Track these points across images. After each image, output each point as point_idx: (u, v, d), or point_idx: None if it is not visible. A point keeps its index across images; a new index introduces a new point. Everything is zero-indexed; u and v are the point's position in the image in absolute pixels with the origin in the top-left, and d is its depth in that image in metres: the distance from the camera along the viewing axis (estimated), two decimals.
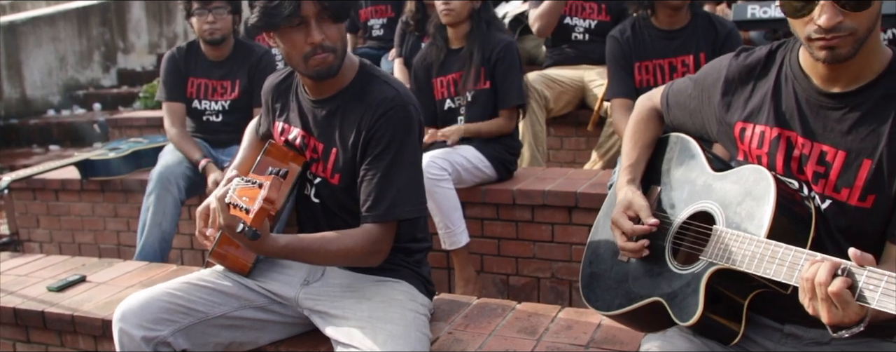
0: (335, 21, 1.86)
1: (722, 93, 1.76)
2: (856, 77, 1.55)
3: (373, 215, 1.92)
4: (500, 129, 3.27)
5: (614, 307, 1.83)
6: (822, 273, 1.32)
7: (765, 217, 1.52)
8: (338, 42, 1.89)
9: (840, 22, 1.43)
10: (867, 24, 1.44)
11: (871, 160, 1.52)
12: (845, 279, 1.30)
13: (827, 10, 1.42)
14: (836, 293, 1.29)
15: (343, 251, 1.89)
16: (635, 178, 1.90)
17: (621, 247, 1.77)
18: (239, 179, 1.75)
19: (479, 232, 3.23)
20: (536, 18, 4.21)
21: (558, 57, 4.38)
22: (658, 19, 3.25)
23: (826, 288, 1.30)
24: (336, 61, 1.90)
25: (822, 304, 1.32)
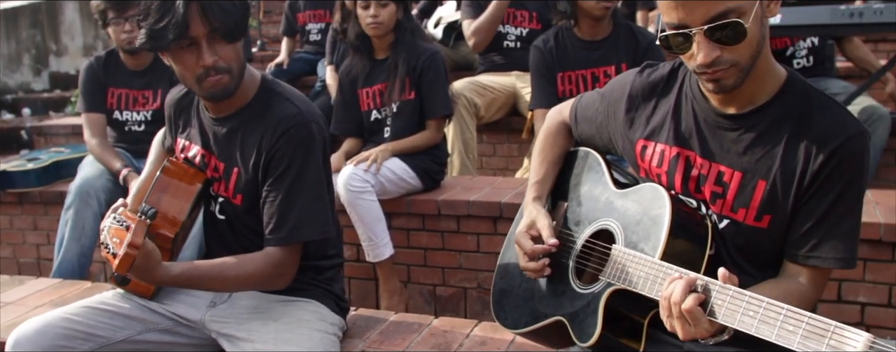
0: (228, 41, 1.81)
1: (625, 109, 1.76)
2: (750, 99, 1.56)
3: (275, 238, 1.88)
4: (428, 140, 3.25)
5: (521, 325, 1.83)
6: (677, 291, 1.35)
7: (660, 238, 1.52)
8: (233, 62, 1.83)
9: (718, 56, 1.43)
10: (748, 53, 1.45)
11: (766, 181, 1.54)
12: (698, 296, 1.34)
13: (703, 47, 1.43)
14: (689, 310, 1.33)
15: (244, 277, 1.85)
16: (541, 195, 1.89)
17: (523, 267, 1.77)
18: (113, 217, 1.71)
19: (405, 243, 3.20)
20: (473, 33, 4.20)
21: (490, 64, 4.39)
22: (581, 30, 3.27)
23: (680, 306, 1.33)
24: (231, 82, 1.85)
25: (677, 321, 1.36)
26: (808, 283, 1.53)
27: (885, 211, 2.67)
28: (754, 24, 1.42)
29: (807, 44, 3.72)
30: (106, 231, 1.68)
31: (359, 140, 3.38)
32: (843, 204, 1.50)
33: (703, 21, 1.41)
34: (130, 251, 1.58)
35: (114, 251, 1.62)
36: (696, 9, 1.41)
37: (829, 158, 1.48)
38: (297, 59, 5.70)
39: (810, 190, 1.51)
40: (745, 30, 1.40)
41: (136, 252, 1.59)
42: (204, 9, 1.75)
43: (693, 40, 1.44)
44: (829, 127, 1.50)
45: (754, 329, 1.27)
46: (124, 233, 1.62)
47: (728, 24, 1.40)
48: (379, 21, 3.12)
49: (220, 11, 1.76)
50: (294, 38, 5.80)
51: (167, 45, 1.77)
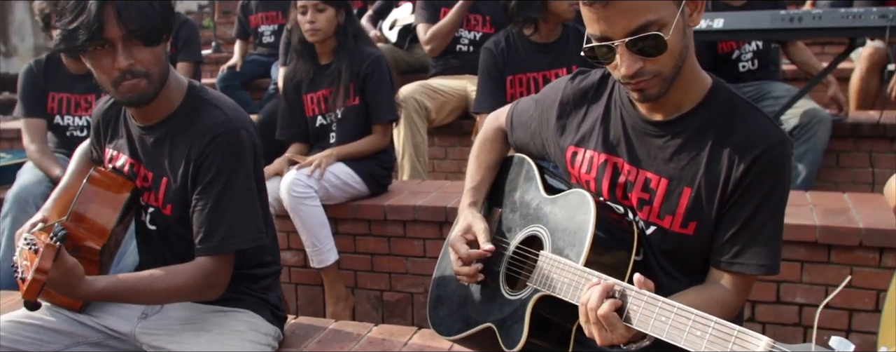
0: (147, 44, 1.76)
1: (557, 115, 1.77)
2: (676, 107, 1.57)
3: (205, 248, 1.85)
4: (374, 145, 3.23)
5: (454, 332, 1.82)
6: (594, 297, 1.36)
7: (584, 244, 1.53)
8: (151, 67, 1.78)
9: (641, 67, 1.44)
10: (671, 64, 1.46)
11: (691, 188, 1.55)
12: (614, 302, 1.34)
13: (625, 58, 1.44)
14: (604, 316, 1.34)
15: (173, 289, 1.81)
16: (477, 201, 1.89)
17: (456, 271, 1.76)
18: (25, 239, 1.67)
19: (352, 248, 3.19)
20: (430, 39, 4.18)
21: (443, 67, 4.38)
22: (538, 33, 3.27)
23: (596, 312, 1.34)
24: (150, 88, 1.81)
25: (594, 326, 1.37)
26: (731, 289, 1.55)
27: (821, 213, 2.71)
28: (675, 35, 1.43)
29: (752, 47, 3.77)
30: (18, 253, 1.63)
31: (305, 145, 3.35)
32: (765, 211, 1.51)
33: (624, 34, 1.42)
34: (38, 277, 1.53)
35: (22, 276, 1.57)
36: (617, 22, 1.42)
37: (751, 165, 1.50)
38: (251, 62, 5.64)
39: (733, 197, 1.52)
40: (666, 42, 1.41)
41: (44, 277, 1.54)
42: (119, 10, 1.70)
43: (616, 52, 1.45)
44: (752, 135, 1.52)
45: (665, 334, 1.28)
46: (34, 256, 1.57)
47: (648, 36, 1.41)
48: (316, 27, 3.09)
49: (136, 13, 1.71)
50: (247, 40, 5.75)
51: (81, 47, 1.72)
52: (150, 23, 1.73)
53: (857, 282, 2.60)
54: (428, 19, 4.28)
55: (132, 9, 1.71)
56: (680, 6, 1.43)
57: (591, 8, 1.43)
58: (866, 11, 3.05)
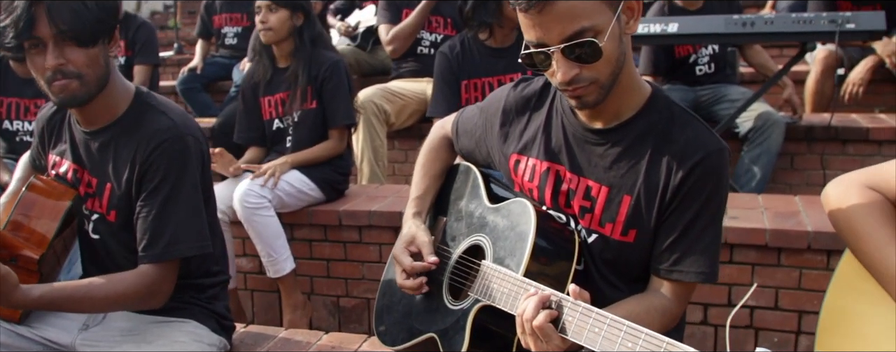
0: (80, 45, 1.72)
1: (500, 123, 1.76)
2: (615, 115, 1.58)
3: (148, 255, 1.82)
4: (330, 151, 3.20)
5: (399, 342, 1.81)
6: (529, 308, 1.35)
7: (523, 254, 1.52)
8: (85, 68, 1.75)
9: (577, 74, 1.44)
10: (607, 71, 1.46)
11: (631, 196, 1.56)
12: (550, 313, 1.34)
13: (561, 65, 1.44)
14: (539, 327, 1.33)
15: (114, 297, 1.78)
16: (422, 210, 1.88)
17: (399, 284, 1.75)
18: None
19: (308, 254, 3.16)
20: (392, 40, 4.17)
21: (403, 70, 4.36)
22: (494, 38, 3.27)
23: (531, 323, 1.34)
24: (82, 89, 1.77)
25: (530, 338, 1.37)
26: (671, 296, 1.55)
27: (772, 217, 2.74)
28: (611, 42, 1.43)
29: (708, 51, 3.81)
30: None
31: (262, 149, 3.32)
32: (703, 219, 1.52)
33: (560, 40, 1.41)
34: None
35: None
36: (553, 28, 1.41)
37: (689, 173, 1.50)
38: (212, 64, 5.59)
39: (672, 205, 1.53)
40: (601, 48, 1.41)
41: None
42: (50, 9, 1.67)
43: (553, 58, 1.45)
44: (689, 143, 1.52)
45: (598, 346, 1.28)
46: None
47: (584, 42, 1.40)
48: (268, 27, 3.07)
49: (68, 13, 1.68)
50: (209, 40, 5.68)
51: (10, 45, 1.69)
52: (82, 23, 1.70)
53: (807, 284, 2.64)
54: (389, 20, 4.27)
55: (64, 8, 1.68)
56: (616, 13, 1.43)
57: (526, 14, 1.42)
58: (816, 16, 3.09)
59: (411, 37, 4.17)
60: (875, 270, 1.50)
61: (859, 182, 1.57)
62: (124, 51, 4.76)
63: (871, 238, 1.50)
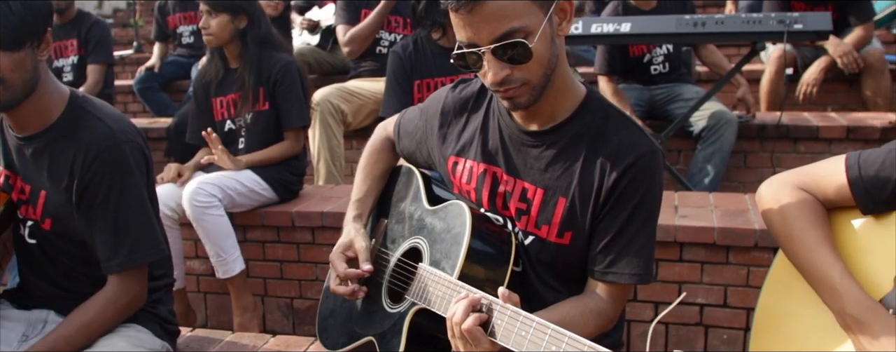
0: (3, 49, 1.68)
1: (439, 125, 1.76)
2: (550, 116, 1.58)
3: (113, 265, 1.83)
4: (286, 152, 3.18)
5: (339, 346, 1.80)
6: (459, 311, 1.34)
7: (458, 256, 1.52)
8: (8, 72, 1.70)
9: (508, 75, 1.44)
10: (539, 72, 1.46)
11: (566, 198, 1.56)
12: (480, 316, 1.33)
13: (492, 66, 1.44)
14: (468, 330, 1.33)
15: (101, 319, 1.83)
16: (362, 213, 1.87)
17: (332, 289, 1.74)
18: None
19: (261, 256, 3.14)
20: (348, 41, 4.13)
21: (362, 69, 4.34)
22: (446, 37, 3.26)
23: (460, 326, 1.33)
24: (5, 95, 1.73)
25: (460, 341, 1.36)
26: (607, 298, 1.56)
27: (721, 215, 2.77)
28: (542, 43, 1.43)
29: (663, 50, 3.84)
30: None
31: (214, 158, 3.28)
32: (637, 221, 1.52)
33: (490, 40, 1.41)
34: None
35: None
36: (483, 29, 1.41)
37: (622, 175, 1.51)
38: (170, 63, 5.53)
39: (606, 207, 1.53)
40: (531, 49, 1.41)
41: None
42: None
43: (484, 59, 1.44)
44: (623, 145, 1.53)
45: (511, 343, 1.28)
46: None
47: (514, 43, 1.40)
48: (209, 32, 3.06)
49: None
50: (166, 42, 5.62)
51: None
52: (5, 26, 1.66)
53: (755, 281, 2.67)
54: (348, 21, 4.23)
55: None
56: (547, 15, 1.43)
57: (456, 14, 1.42)
58: (766, 17, 3.13)
59: (368, 39, 4.14)
60: (805, 271, 1.52)
61: (791, 183, 1.58)
62: (77, 50, 4.69)
63: (802, 240, 1.52)
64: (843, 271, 1.45)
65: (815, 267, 1.49)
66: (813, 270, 1.49)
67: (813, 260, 1.49)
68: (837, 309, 1.44)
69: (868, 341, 1.38)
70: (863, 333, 1.39)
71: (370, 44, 4.20)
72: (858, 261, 1.48)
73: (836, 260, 1.47)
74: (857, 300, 1.41)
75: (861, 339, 1.39)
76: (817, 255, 1.49)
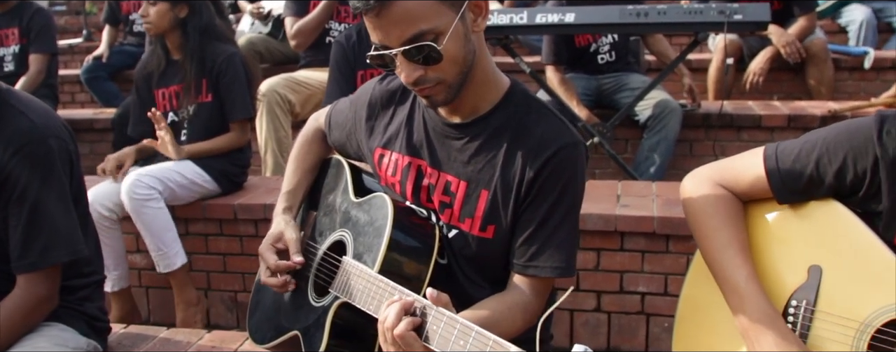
0: None
1: (366, 117, 1.75)
2: (473, 109, 1.57)
3: (24, 264, 1.78)
4: (231, 143, 3.15)
5: (267, 340, 1.78)
6: (391, 315, 1.32)
7: (380, 250, 1.51)
8: None
9: (421, 75, 1.43)
10: (454, 71, 1.45)
11: (488, 191, 1.55)
12: (412, 320, 1.31)
13: (404, 67, 1.43)
14: (400, 336, 1.30)
15: (11, 323, 1.76)
16: (292, 205, 1.85)
17: (263, 282, 1.72)
18: None
19: (204, 249, 3.10)
20: (295, 34, 4.07)
21: (311, 59, 4.30)
22: None
23: (392, 332, 1.30)
24: None
25: (392, 347, 1.33)
26: (530, 292, 1.55)
27: (661, 204, 2.80)
28: (455, 42, 1.43)
29: (609, 40, 3.86)
30: None
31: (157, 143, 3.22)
32: (558, 214, 1.52)
33: (400, 43, 1.41)
34: None
35: None
36: (392, 31, 1.41)
37: (542, 167, 1.50)
38: (119, 52, 5.43)
39: (527, 200, 1.53)
40: (440, 51, 1.40)
41: None
42: None
43: (397, 60, 1.44)
44: (544, 137, 1.53)
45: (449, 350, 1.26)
46: None
47: (422, 46, 1.40)
48: (148, 21, 3.00)
49: None
50: (117, 26, 5.51)
51: None
52: None
53: None
54: (295, 12, 4.17)
55: None
56: (459, 13, 1.42)
57: (366, 17, 1.42)
58: (706, 7, 3.16)
59: (315, 31, 4.10)
60: (713, 270, 1.54)
61: (710, 178, 1.60)
62: (18, 39, 4.58)
63: (713, 239, 1.54)
64: (749, 275, 1.47)
65: (722, 268, 1.51)
66: (720, 270, 1.51)
67: (721, 260, 1.51)
68: (737, 310, 1.47)
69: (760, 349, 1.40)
70: (756, 340, 1.42)
71: (318, 36, 4.15)
72: (775, 252, 1.50)
73: (744, 263, 1.49)
74: (759, 308, 1.44)
75: (754, 346, 1.42)
76: (726, 256, 1.51)
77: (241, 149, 3.21)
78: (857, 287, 1.38)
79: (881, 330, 1.34)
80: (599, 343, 2.84)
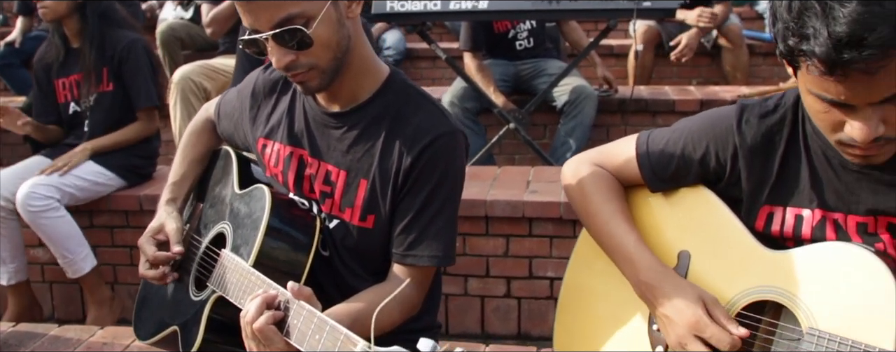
0: None
1: (250, 106, 1.72)
2: (351, 98, 1.55)
3: None
4: (138, 133, 3.08)
5: (149, 335, 1.74)
6: (251, 310, 1.30)
7: (255, 243, 1.49)
8: None
9: (293, 60, 1.41)
10: (328, 56, 1.43)
11: (367, 180, 1.54)
12: (274, 314, 1.29)
13: (274, 52, 1.41)
14: (259, 330, 1.28)
15: None
16: (177, 197, 1.80)
17: (141, 274, 1.68)
18: None
19: (109, 242, 3.03)
20: (210, 22, 3.97)
21: (229, 46, 4.21)
22: None
23: (251, 325, 1.28)
24: None
25: (252, 341, 1.31)
26: (409, 283, 1.54)
27: None
28: (326, 27, 1.41)
29: (527, 26, 3.87)
30: None
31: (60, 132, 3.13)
32: (435, 203, 1.51)
33: (269, 27, 1.39)
34: None
35: None
36: (261, 15, 1.38)
37: (419, 156, 1.49)
38: (34, 38, 5.26)
39: (404, 189, 1.51)
40: (310, 36, 1.38)
41: None
42: None
43: (268, 45, 1.41)
44: (421, 125, 1.52)
45: (305, 345, 1.24)
46: None
47: (291, 30, 1.38)
48: (44, 4, 2.91)
49: None
50: (31, 16, 5.33)
51: None
52: None
53: None
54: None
55: None
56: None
57: (236, 1, 1.38)
58: None
59: (230, 19, 4.00)
60: (603, 244, 1.55)
61: (590, 160, 1.61)
62: None
63: (599, 213, 1.55)
64: (638, 240, 1.48)
65: (611, 238, 1.52)
66: (610, 241, 1.52)
67: (610, 232, 1.52)
68: (632, 277, 1.47)
69: (661, 304, 1.40)
70: (656, 297, 1.42)
71: (234, 23, 4.06)
72: (649, 238, 1.52)
73: (631, 230, 1.50)
74: (650, 266, 1.45)
75: (655, 303, 1.42)
76: (613, 227, 1.52)
77: (148, 139, 3.14)
78: (722, 271, 1.41)
79: (742, 313, 1.37)
80: (510, 329, 2.87)
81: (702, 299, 1.36)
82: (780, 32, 1.18)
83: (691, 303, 1.35)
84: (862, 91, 1.12)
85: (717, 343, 1.31)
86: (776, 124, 1.39)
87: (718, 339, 1.31)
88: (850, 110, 1.16)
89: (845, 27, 1.07)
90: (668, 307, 1.39)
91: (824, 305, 1.27)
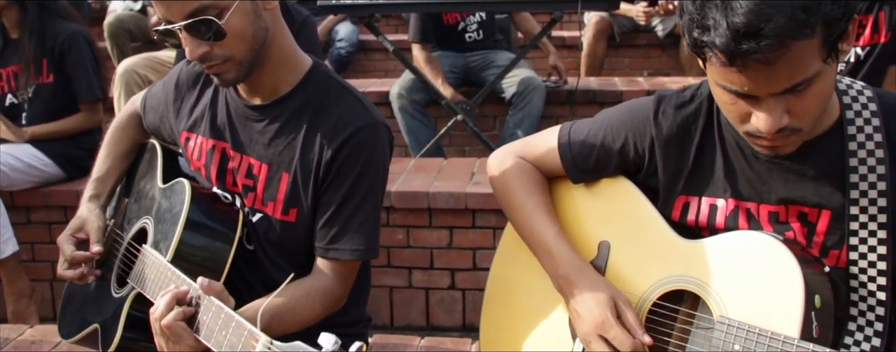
0: None
1: (173, 99, 1.70)
2: (273, 90, 1.54)
3: None
4: (79, 125, 3.05)
5: (71, 334, 1.71)
6: (160, 306, 1.28)
7: (174, 238, 1.47)
8: None
9: (207, 51, 1.40)
10: (244, 47, 1.42)
11: (289, 173, 1.52)
12: (183, 310, 1.28)
13: (188, 42, 1.40)
14: (168, 326, 1.27)
15: None
16: (100, 193, 1.77)
17: (60, 274, 1.65)
18: None
19: (47, 238, 2.98)
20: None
21: None
22: None
23: (159, 322, 1.27)
24: None
25: (161, 338, 1.29)
26: (332, 276, 1.53)
27: None
28: (240, 18, 1.39)
29: (476, 18, 3.86)
30: None
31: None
32: (357, 196, 1.50)
33: (182, 18, 1.37)
34: None
35: None
36: (173, 6, 1.37)
37: (340, 149, 1.48)
38: None
39: (326, 182, 1.50)
40: (221, 26, 1.37)
41: None
42: None
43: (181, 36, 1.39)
44: (342, 118, 1.50)
45: (213, 341, 1.23)
46: None
47: (202, 20, 1.36)
48: None
49: None
50: None
51: None
52: None
53: None
54: None
55: None
56: None
57: None
58: None
59: None
60: (525, 237, 1.55)
61: (514, 152, 1.61)
62: None
63: (522, 207, 1.55)
64: (558, 234, 1.49)
65: (533, 232, 1.52)
66: (531, 235, 1.52)
67: (531, 226, 1.52)
68: (551, 271, 1.48)
69: (574, 300, 1.41)
70: (571, 292, 1.42)
71: None
72: (571, 228, 1.53)
73: (552, 224, 1.50)
74: (568, 261, 1.45)
75: (569, 298, 1.43)
76: (535, 221, 1.52)
77: (89, 132, 3.09)
78: (640, 261, 1.42)
79: (657, 303, 1.38)
80: (455, 321, 2.87)
81: (614, 299, 1.37)
82: (686, 25, 1.19)
83: (602, 302, 1.36)
84: (763, 82, 1.13)
85: (618, 345, 1.32)
86: (692, 115, 1.40)
87: (621, 341, 1.32)
88: (755, 101, 1.18)
89: (743, 18, 1.08)
90: (580, 303, 1.40)
91: (734, 293, 1.28)
